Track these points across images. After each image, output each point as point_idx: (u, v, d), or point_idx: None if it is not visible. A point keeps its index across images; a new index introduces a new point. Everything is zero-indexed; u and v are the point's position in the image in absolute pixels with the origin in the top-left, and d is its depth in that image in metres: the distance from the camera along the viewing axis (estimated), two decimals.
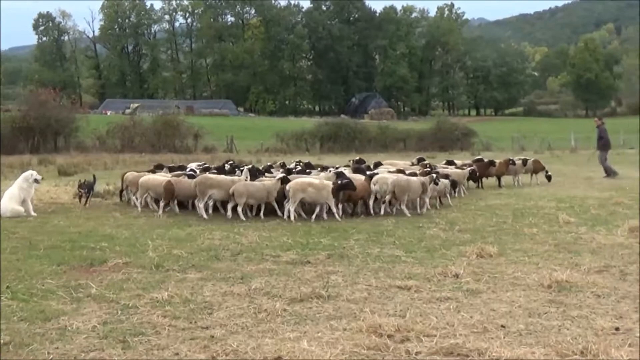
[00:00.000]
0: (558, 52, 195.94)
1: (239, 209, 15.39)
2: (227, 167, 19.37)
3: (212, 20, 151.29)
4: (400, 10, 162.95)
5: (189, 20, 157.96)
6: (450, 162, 23.58)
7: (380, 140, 54.76)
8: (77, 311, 7.88)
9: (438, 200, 17.79)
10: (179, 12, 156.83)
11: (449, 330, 7.08)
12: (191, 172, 17.74)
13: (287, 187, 15.26)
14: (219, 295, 8.55)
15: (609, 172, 26.49)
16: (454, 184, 18.90)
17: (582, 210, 16.38)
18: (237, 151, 50.10)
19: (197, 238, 12.72)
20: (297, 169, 19.19)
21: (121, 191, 18.84)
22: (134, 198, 17.63)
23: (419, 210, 16.52)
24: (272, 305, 7.99)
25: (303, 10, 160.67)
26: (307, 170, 19.10)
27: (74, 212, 16.48)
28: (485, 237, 12.71)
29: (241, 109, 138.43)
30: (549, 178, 24.00)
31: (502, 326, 7.22)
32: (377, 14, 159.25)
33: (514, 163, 23.72)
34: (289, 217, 15.13)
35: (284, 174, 16.26)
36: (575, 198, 18.97)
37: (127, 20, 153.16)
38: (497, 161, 23.87)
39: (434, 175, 17.03)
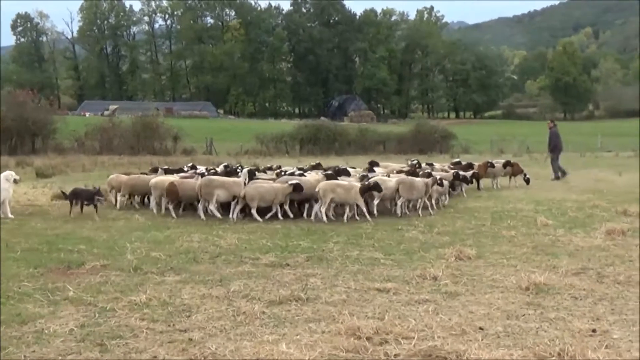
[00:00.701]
0: (537, 56, 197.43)
1: (253, 211, 15.49)
2: (219, 169, 19.36)
3: (191, 22, 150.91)
4: (380, 13, 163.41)
5: (169, 21, 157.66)
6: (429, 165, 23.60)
7: (360, 143, 54.79)
8: (54, 314, 7.83)
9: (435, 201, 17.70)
10: (158, 14, 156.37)
11: (427, 333, 7.09)
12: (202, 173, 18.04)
13: (317, 188, 15.57)
14: (197, 298, 8.52)
15: (558, 174, 26.73)
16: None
17: (560, 213, 16.47)
18: (217, 153, 49.95)
19: (175, 240, 12.67)
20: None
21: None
22: (121, 198, 17.90)
23: (419, 212, 16.51)
24: (250, 307, 7.97)
25: (283, 12, 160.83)
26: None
27: (52, 214, 16.37)
28: (464, 240, 12.77)
29: (221, 111, 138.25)
30: (527, 181, 24.10)
31: (480, 328, 7.25)
32: (357, 17, 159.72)
33: (492, 166, 23.79)
34: (303, 217, 15.79)
35: (297, 181, 16.14)
36: (553, 201, 19.07)
37: (106, 22, 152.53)
38: (476, 164, 23.91)
39: (438, 177, 17.42)
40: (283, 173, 18.77)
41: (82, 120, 66.36)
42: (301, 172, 18.76)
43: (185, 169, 21.08)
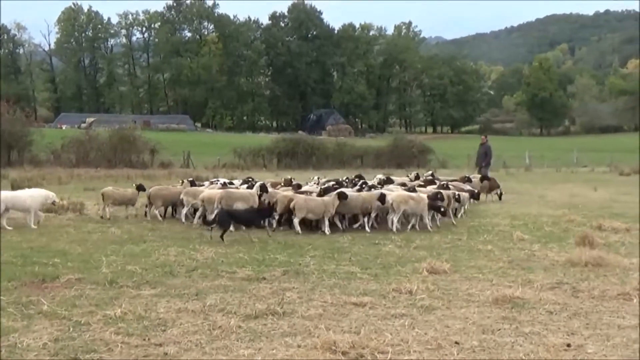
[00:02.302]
0: (513, 71, 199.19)
1: (295, 221, 15.68)
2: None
3: (169, 35, 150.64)
4: (359, 28, 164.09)
5: (146, 34, 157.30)
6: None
7: (338, 157, 54.88)
8: (28, 328, 7.75)
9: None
10: (136, 27, 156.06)
11: (403, 347, 7.10)
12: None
13: (390, 199, 16.10)
14: (173, 312, 8.48)
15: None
16: None
17: (535, 228, 16.58)
18: (194, 167, 49.81)
19: (152, 254, 12.60)
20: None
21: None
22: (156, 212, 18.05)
23: (429, 226, 16.54)
24: (226, 322, 7.95)
25: (262, 26, 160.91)
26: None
27: (27, 227, 16.23)
28: (441, 254, 12.81)
29: (198, 125, 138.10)
30: (499, 196, 24.27)
31: (456, 342, 7.27)
32: (336, 32, 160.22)
33: (469, 180, 23.88)
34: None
35: (341, 190, 16.48)
36: (529, 215, 19.18)
37: (83, 34, 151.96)
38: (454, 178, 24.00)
39: (456, 192, 18.17)
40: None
41: (59, 132, 65.99)
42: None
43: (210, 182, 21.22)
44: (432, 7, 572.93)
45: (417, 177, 23.63)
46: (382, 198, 16.18)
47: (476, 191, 21.00)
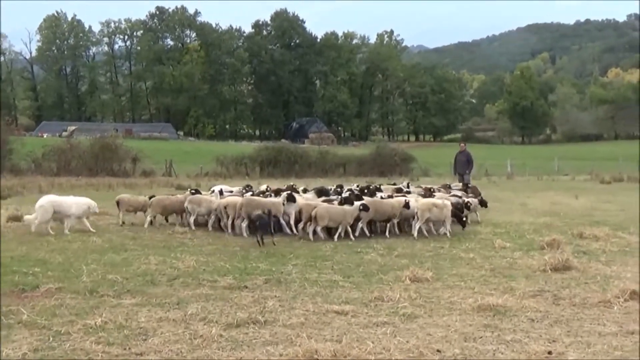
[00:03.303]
0: (495, 80, 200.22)
1: (318, 229, 15.90)
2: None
3: (151, 43, 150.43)
4: (341, 37, 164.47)
5: (128, 42, 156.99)
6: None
7: (321, 165, 54.90)
8: (7, 338, 7.68)
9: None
10: (118, 35, 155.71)
11: (385, 355, 7.09)
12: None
13: (415, 207, 16.50)
14: (154, 321, 8.43)
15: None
16: None
17: (517, 236, 16.62)
18: (176, 175, 49.69)
19: (133, 263, 12.53)
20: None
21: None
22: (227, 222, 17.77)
23: (440, 232, 16.89)
24: (208, 331, 7.90)
25: (244, 34, 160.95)
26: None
27: (7, 235, 16.11)
28: (423, 262, 12.81)
29: (181, 133, 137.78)
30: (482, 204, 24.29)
31: (438, 351, 7.26)
32: (318, 40, 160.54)
33: (450, 188, 23.89)
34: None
35: (363, 202, 16.54)
36: (511, 223, 19.24)
37: (65, 42, 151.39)
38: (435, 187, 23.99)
39: (467, 200, 18.62)
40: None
41: (40, 141, 65.66)
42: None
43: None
44: (414, 16, 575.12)
45: (408, 186, 23.65)
46: (407, 204, 16.63)
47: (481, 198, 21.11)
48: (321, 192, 19.11)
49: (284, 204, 16.67)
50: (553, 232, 16.90)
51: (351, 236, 16.00)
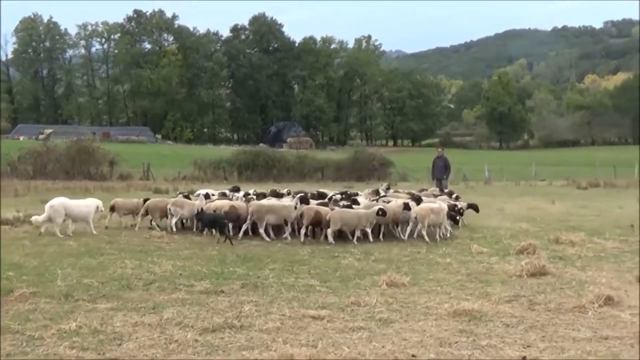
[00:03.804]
0: (473, 85, 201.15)
1: (329, 232, 16.07)
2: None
3: (129, 46, 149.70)
4: (320, 41, 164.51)
5: (106, 46, 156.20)
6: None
7: (299, 170, 54.79)
8: None
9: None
10: (95, 38, 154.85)
11: None
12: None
13: (413, 212, 16.73)
14: (129, 326, 8.39)
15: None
16: None
17: (494, 241, 16.69)
18: (154, 179, 49.46)
19: (109, 267, 12.46)
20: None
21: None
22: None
23: (438, 236, 17.01)
24: (183, 335, 7.87)
25: (222, 38, 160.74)
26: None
27: None
28: (400, 267, 12.84)
29: (159, 136, 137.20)
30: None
31: (413, 356, 7.28)
32: (297, 44, 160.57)
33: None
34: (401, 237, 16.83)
35: (381, 207, 16.73)
36: (488, 228, 19.32)
37: (41, 45, 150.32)
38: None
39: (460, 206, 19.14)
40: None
41: (16, 144, 65.15)
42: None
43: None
44: (393, 21, 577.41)
45: (388, 188, 23.74)
46: (407, 206, 16.97)
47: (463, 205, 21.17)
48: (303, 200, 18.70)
49: (296, 208, 16.84)
50: (529, 237, 16.98)
51: (369, 238, 16.37)
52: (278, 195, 19.88)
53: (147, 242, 15.96)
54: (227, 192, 21.35)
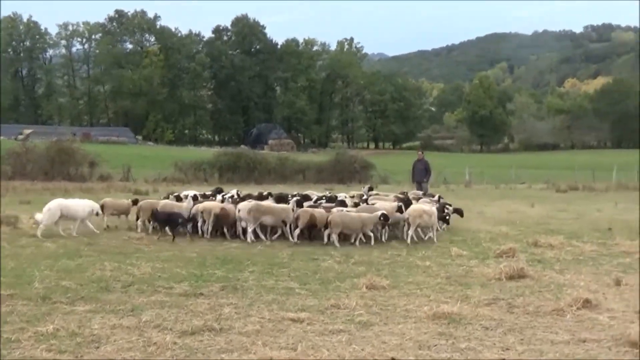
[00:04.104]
0: (454, 89, 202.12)
1: (334, 236, 16.19)
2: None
3: (110, 46, 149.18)
4: (302, 43, 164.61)
5: (87, 45, 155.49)
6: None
7: (280, 172, 54.74)
8: None
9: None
10: (76, 38, 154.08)
11: None
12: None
13: (406, 214, 16.99)
14: (107, 328, 8.33)
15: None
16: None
17: (474, 244, 16.73)
18: (134, 180, 49.25)
19: (87, 269, 12.37)
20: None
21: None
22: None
23: (425, 237, 17.47)
24: (162, 338, 7.83)
25: (204, 39, 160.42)
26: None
27: None
28: (380, 270, 12.84)
29: (139, 137, 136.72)
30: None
31: (393, 358, 7.28)
32: (279, 46, 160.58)
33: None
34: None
35: (383, 212, 16.78)
36: (467, 231, 19.35)
37: (21, 44, 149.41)
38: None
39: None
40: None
41: None
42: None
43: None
44: (375, 24, 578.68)
45: (370, 189, 23.84)
46: (400, 209, 17.33)
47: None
48: (280, 199, 19.00)
49: (293, 210, 17.03)
50: (509, 240, 17.04)
51: (371, 242, 16.48)
52: (283, 199, 19.68)
53: (126, 244, 15.88)
54: (208, 193, 21.34)
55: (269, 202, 18.25)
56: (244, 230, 16.88)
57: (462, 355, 7.48)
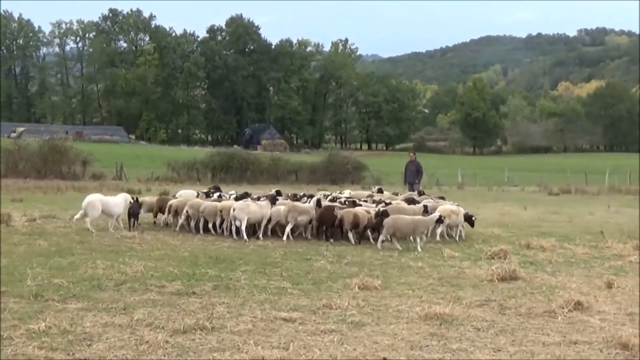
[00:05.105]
0: (448, 91, 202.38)
1: (382, 237, 16.22)
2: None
3: (104, 45, 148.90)
4: (296, 44, 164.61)
5: (80, 44, 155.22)
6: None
7: (273, 172, 54.82)
8: None
9: None
10: (69, 36, 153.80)
11: None
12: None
13: (437, 213, 17.17)
14: (99, 326, 8.31)
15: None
16: None
17: (466, 245, 16.76)
18: (127, 179, 49.20)
19: (79, 267, 12.35)
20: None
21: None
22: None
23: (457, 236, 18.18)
24: (154, 336, 7.81)
25: (198, 39, 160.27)
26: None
27: None
28: (372, 270, 12.83)
29: (132, 137, 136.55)
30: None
31: (384, 359, 7.28)
32: (273, 47, 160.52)
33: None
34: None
35: (440, 215, 17.06)
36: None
37: (14, 42, 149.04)
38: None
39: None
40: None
41: None
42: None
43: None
44: (369, 26, 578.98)
45: (380, 191, 23.84)
46: (426, 209, 17.88)
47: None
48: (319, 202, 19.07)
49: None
50: (501, 242, 17.09)
51: (418, 247, 16.49)
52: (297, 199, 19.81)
53: (118, 243, 15.85)
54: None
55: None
56: (237, 230, 16.89)
57: (453, 356, 7.49)
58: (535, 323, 9.08)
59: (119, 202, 18.15)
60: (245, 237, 16.67)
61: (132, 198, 19.17)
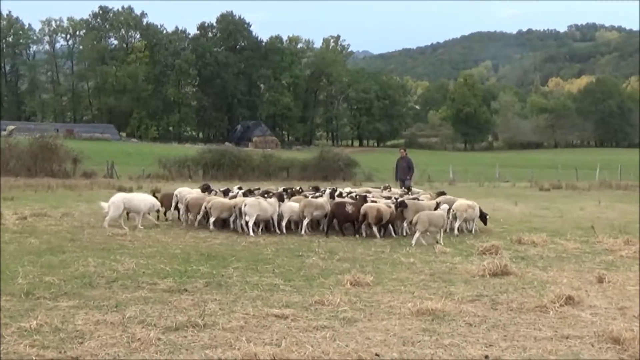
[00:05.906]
0: (439, 87, 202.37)
1: (417, 234, 16.22)
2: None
3: (94, 42, 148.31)
4: (286, 41, 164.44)
5: (70, 41, 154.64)
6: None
7: (264, 169, 54.66)
8: None
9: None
10: (60, 34, 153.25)
11: (323, 359, 7.09)
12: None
13: (454, 208, 18.09)
14: (91, 324, 8.30)
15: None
16: None
17: (457, 241, 16.79)
18: (118, 177, 49.07)
19: (71, 265, 12.32)
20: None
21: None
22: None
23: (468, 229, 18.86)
24: (146, 334, 7.80)
25: (189, 36, 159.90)
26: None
27: None
28: (364, 266, 12.86)
29: (123, 134, 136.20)
30: None
31: (377, 355, 7.29)
32: (264, 44, 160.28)
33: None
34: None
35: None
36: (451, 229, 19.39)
37: (4, 40, 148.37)
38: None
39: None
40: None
41: None
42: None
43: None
44: (360, 22, 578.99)
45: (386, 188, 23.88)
46: (437, 205, 17.81)
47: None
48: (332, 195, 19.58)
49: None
50: (492, 237, 17.14)
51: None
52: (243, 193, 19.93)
53: (110, 240, 15.82)
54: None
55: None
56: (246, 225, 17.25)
57: (445, 351, 7.51)
58: (527, 318, 9.11)
59: (145, 200, 18.65)
60: (251, 232, 16.97)
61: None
